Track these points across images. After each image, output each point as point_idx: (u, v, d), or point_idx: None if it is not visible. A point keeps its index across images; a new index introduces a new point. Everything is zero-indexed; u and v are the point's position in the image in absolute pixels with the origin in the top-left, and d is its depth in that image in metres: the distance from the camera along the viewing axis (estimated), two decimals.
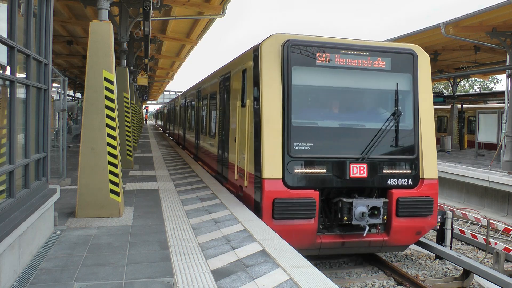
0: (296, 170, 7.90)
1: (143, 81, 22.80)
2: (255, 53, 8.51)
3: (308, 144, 8.00)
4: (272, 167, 7.80)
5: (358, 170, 8.04)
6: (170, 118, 39.00)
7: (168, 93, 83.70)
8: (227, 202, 8.82)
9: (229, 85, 10.95)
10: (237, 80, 9.99)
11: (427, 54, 8.96)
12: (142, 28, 13.90)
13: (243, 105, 9.19)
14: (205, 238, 6.35)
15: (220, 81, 12.25)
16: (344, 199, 7.91)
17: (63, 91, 12.19)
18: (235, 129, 9.75)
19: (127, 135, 14.23)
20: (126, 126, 14.36)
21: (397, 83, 8.52)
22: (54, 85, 26.91)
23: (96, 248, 5.78)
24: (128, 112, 14.60)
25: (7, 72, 4.86)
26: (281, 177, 7.82)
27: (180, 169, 14.28)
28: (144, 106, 73.09)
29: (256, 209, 8.03)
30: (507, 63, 16.93)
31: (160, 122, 68.78)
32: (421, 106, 8.70)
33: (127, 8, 13.01)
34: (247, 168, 8.73)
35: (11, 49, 4.77)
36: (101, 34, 7.53)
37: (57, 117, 14.44)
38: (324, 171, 8.02)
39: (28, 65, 5.42)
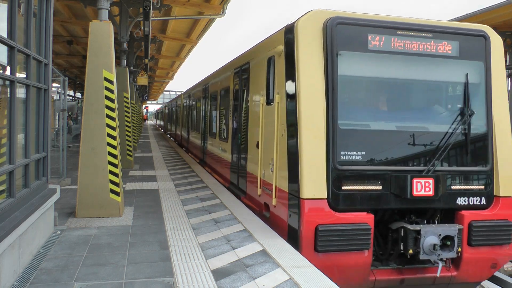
0: (344, 187, 6.22)
1: (143, 81, 22.83)
2: (288, 36, 6.79)
3: (359, 153, 6.33)
4: (313, 183, 6.13)
5: (423, 187, 6.31)
6: (171, 118, 36.48)
7: (168, 93, 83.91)
8: (227, 202, 8.82)
9: (247, 78, 9.22)
10: (259, 72, 8.25)
11: (500, 38, 7.36)
12: (142, 28, 13.91)
13: (269, 102, 7.54)
14: (205, 238, 6.35)
15: (234, 74, 10.53)
16: (409, 227, 6.24)
17: (63, 91, 12.21)
18: (257, 132, 8.05)
19: (127, 135, 14.24)
20: (126, 126, 14.38)
21: (467, 74, 6.84)
22: (54, 85, 26.93)
23: (96, 248, 5.79)
24: (128, 112, 14.61)
25: (7, 72, 4.86)
26: (325, 196, 6.13)
27: (180, 169, 14.28)
28: (144, 106, 73.15)
29: (292, 238, 6.38)
30: (507, 63, 16.93)
31: (160, 122, 68.06)
32: (495, 103, 6.98)
33: (127, 8, 13.02)
34: (276, 183, 7.01)
35: (11, 49, 4.77)
36: (101, 34, 7.53)
37: (57, 117, 14.47)
38: (380, 187, 6.33)
39: (28, 65, 5.42)
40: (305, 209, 6.08)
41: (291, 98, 6.57)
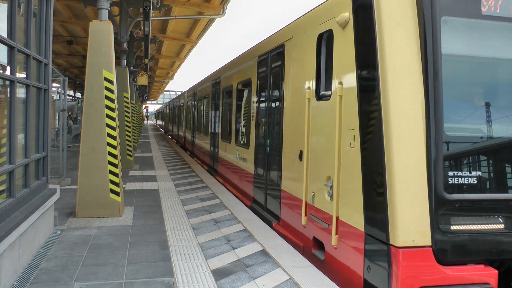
0: (454, 227, 4.17)
1: (143, 81, 22.85)
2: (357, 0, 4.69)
3: (472, 173, 4.25)
4: (412, 222, 4.06)
5: None
6: (173, 119, 34.22)
7: (168, 93, 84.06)
8: (227, 202, 8.82)
9: (281, 65, 7.09)
10: (302, 55, 6.17)
11: None
12: (142, 28, 13.92)
13: (321, 96, 5.53)
14: (205, 238, 6.35)
15: (259, 62, 8.42)
16: None
17: (63, 91, 12.21)
18: (300, 137, 6.10)
19: (127, 135, 14.25)
20: (126, 126, 14.39)
21: None
22: (54, 85, 26.94)
23: (96, 248, 5.79)
24: (128, 112, 14.62)
25: (7, 72, 4.86)
26: (429, 243, 4.08)
27: (180, 169, 14.29)
28: (144, 106, 73.22)
29: None
30: None
31: (161, 123, 67.28)
32: None
33: (127, 8, 13.03)
34: (337, 213, 4.94)
35: (11, 49, 4.77)
36: (101, 34, 7.54)
37: (57, 117, 14.48)
38: (502, 226, 4.26)
39: (28, 65, 5.43)
40: (401, 262, 4.01)
41: (368, 90, 4.47)
